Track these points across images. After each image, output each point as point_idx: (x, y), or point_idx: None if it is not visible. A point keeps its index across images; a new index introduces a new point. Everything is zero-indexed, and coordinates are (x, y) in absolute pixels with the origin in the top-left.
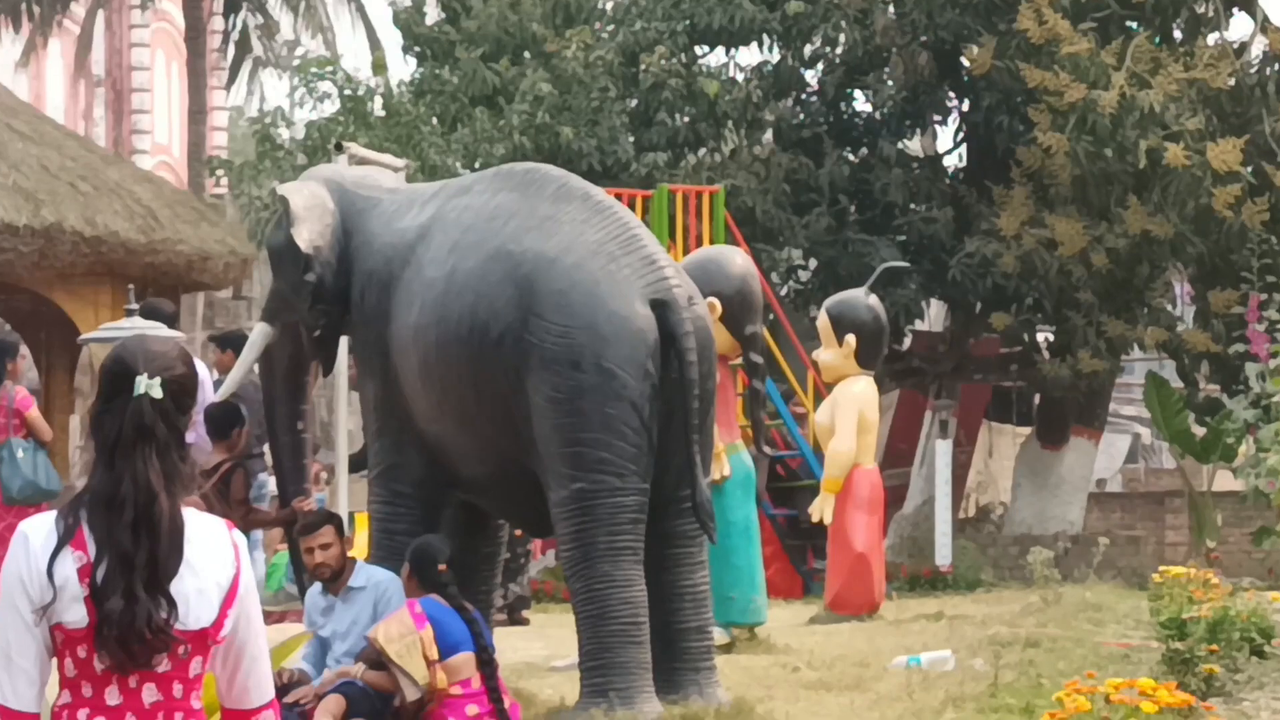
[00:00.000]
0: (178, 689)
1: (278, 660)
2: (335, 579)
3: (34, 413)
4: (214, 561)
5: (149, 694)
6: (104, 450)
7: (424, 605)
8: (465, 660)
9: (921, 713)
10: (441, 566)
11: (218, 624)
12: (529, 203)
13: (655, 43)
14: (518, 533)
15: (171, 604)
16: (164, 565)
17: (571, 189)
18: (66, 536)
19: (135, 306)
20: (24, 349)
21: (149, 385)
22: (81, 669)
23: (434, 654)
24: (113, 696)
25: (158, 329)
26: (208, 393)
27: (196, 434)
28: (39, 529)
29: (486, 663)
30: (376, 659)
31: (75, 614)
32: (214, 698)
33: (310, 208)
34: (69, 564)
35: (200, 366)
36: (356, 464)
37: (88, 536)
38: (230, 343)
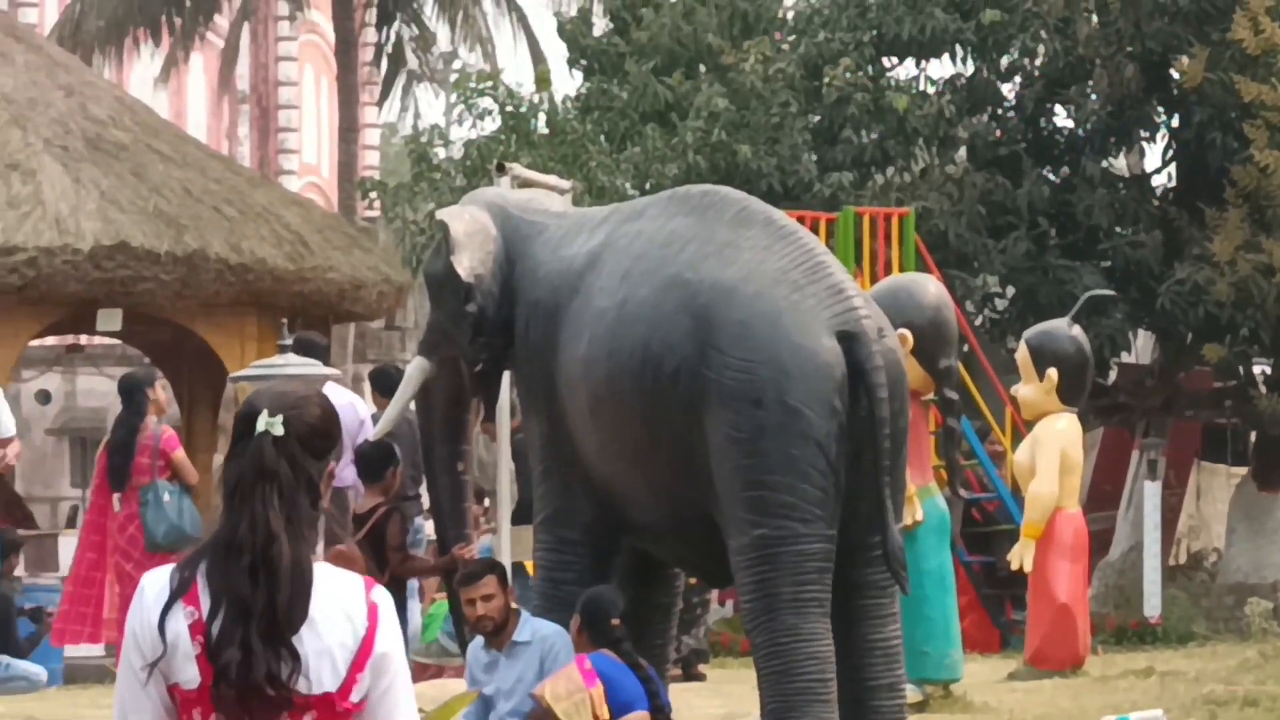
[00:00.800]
0: None
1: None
2: (498, 633)
3: (180, 454)
4: (341, 620)
5: None
6: (227, 495)
7: (594, 661)
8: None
9: None
10: (615, 621)
11: (344, 689)
12: (706, 228)
13: (840, 54)
14: (692, 581)
15: (295, 657)
16: (284, 614)
17: (752, 213)
18: (180, 590)
19: (289, 342)
20: (163, 380)
21: (269, 423)
22: None
23: (604, 713)
24: None
25: (312, 366)
26: (366, 431)
27: (354, 477)
28: (155, 581)
29: (660, 715)
30: (543, 718)
31: (188, 673)
32: None
33: (471, 234)
34: (180, 620)
35: (357, 402)
36: (520, 514)
37: (202, 590)
38: (379, 383)
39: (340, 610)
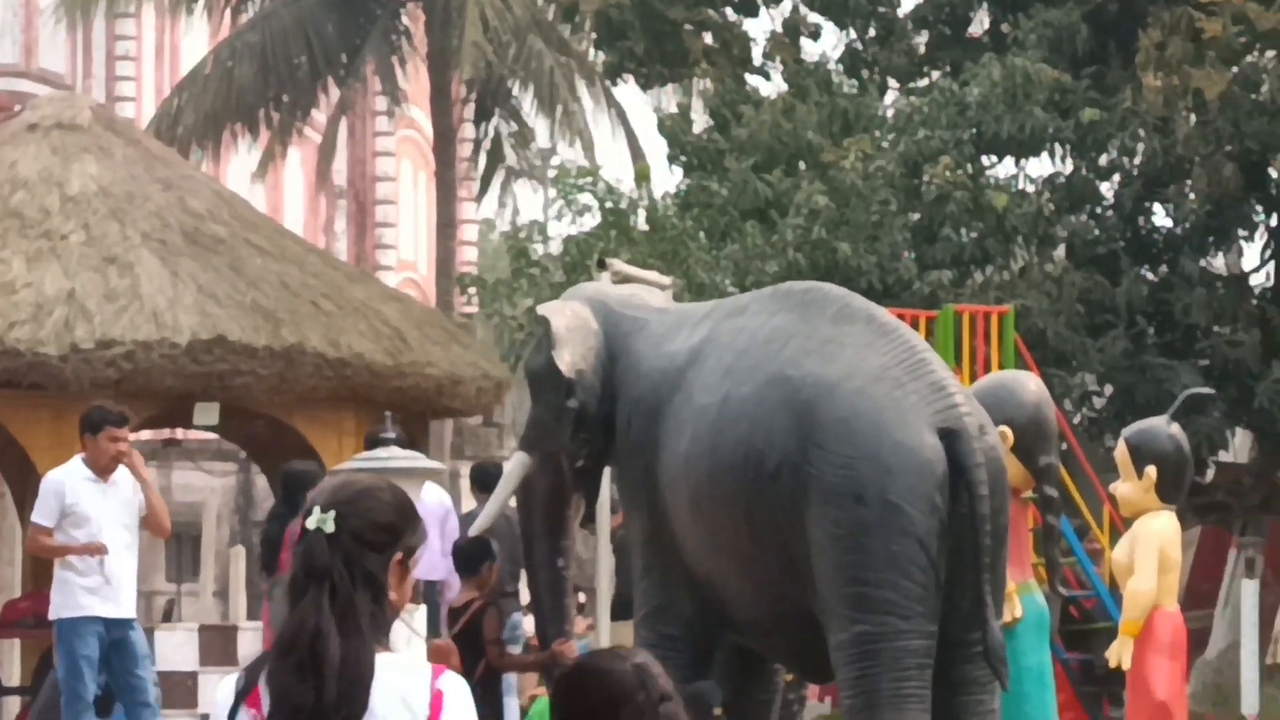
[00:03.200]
0: None
1: None
2: None
3: None
4: (400, 710)
5: None
6: (288, 593)
7: None
8: None
9: None
10: (717, 711)
11: None
12: (808, 324)
13: (939, 153)
14: (789, 677)
15: None
16: (334, 709)
17: (854, 310)
18: (243, 694)
19: (392, 435)
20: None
21: (320, 520)
22: None
23: None
24: None
25: (416, 459)
26: (452, 523)
27: (447, 570)
28: (227, 685)
29: None
30: None
31: None
32: None
33: (573, 329)
34: None
35: (443, 497)
36: (619, 610)
37: (263, 693)
38: (479, 480)
39: (400, 700)
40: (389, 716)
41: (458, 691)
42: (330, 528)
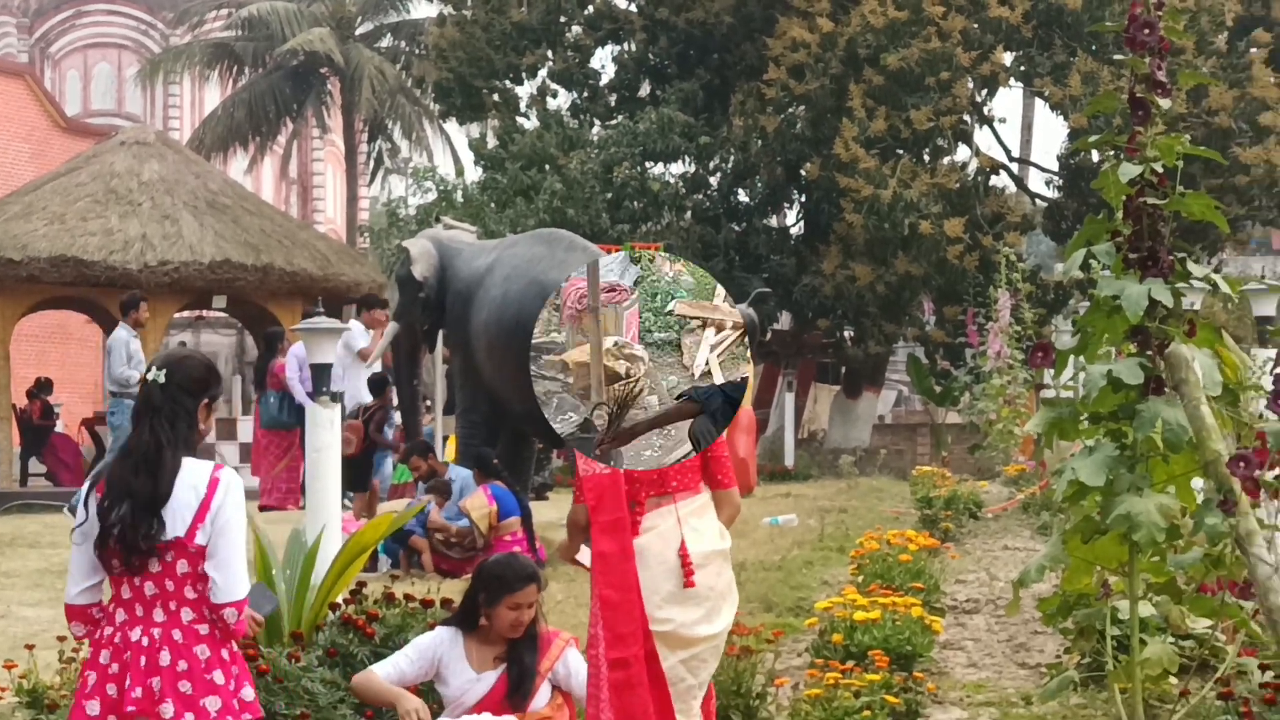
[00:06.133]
0: (169, 585)
1: (402, 521)
2: (431, 479)
3: (286, 374)
4: (189, 491)
5: (149, 588)
6: (132, 419)
7: (494, 490)
8: (514, 521)
9: (778, 550)
10: (495, 461)
11: (190, 534)
12: (551, 252)
13: (623, 160)
14: (540, 446)
15: (160, 522)
16: (155, 495)
17: (576, 243)
18: (94, 482)
19: (321, 310)
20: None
21: (155, 375)
22: (108, 573)
23: (495, 521)
24: (125, 591)
25: (334, 322)
26: (356, 346)
27: (349, 387)
28: (93, 476)
29: (527, 518)
30: (457, 515)
31: (98, 536)
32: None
33: (422, 253)
34: (93, 502)
35: (355, 330)
36: (448, 408)
37: (107, 483)
38: (369, 304)
39: (190, 486)
40: (181, 495)
41: (229, 478)
42: (161, 379)
